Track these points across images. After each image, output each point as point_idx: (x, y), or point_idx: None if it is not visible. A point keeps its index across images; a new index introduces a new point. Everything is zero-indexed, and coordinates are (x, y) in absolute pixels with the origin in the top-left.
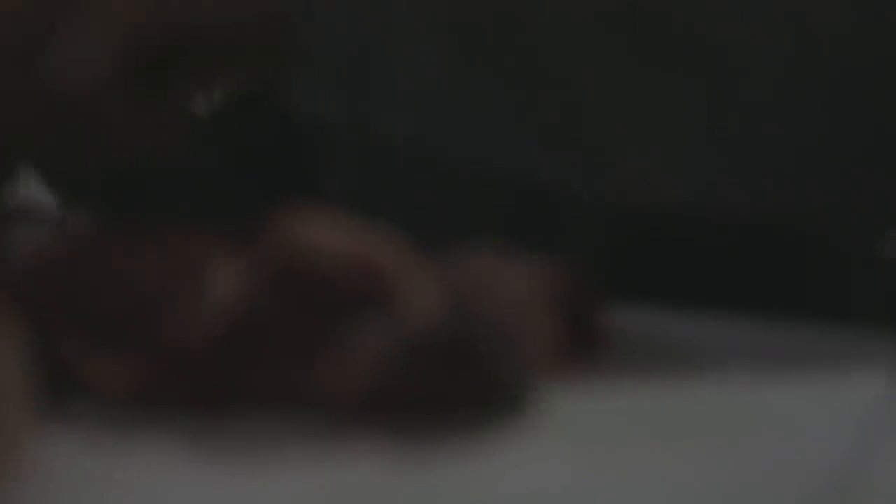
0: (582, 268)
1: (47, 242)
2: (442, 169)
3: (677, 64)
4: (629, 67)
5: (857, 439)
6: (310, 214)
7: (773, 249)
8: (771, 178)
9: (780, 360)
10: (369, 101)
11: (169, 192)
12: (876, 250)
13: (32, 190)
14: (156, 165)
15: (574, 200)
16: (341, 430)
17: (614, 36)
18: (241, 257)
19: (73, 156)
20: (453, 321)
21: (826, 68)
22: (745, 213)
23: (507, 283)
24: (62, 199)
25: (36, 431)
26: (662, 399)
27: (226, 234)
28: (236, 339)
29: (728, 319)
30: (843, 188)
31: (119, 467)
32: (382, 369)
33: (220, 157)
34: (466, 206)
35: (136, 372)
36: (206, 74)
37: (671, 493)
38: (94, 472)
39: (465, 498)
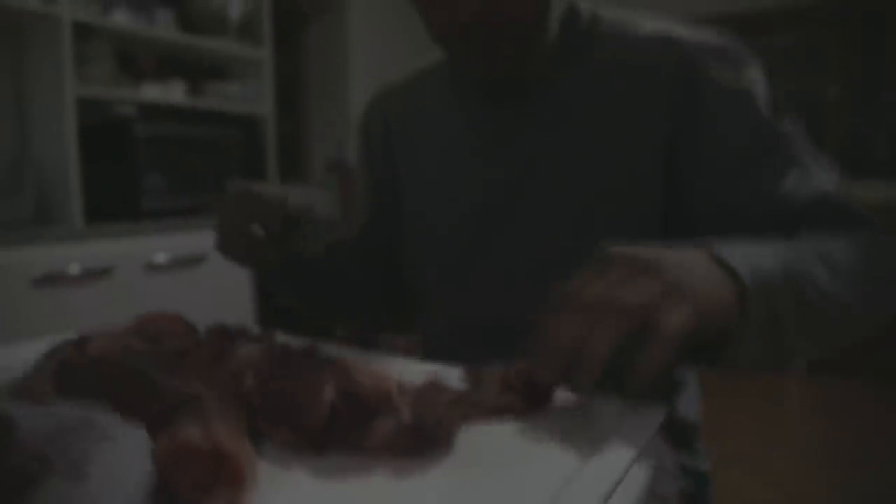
0: None
1: (258, 357)
2: None
3: None
4: None
5: None
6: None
7: None
8: None
9: None
10: None
11: (327, 283)
12: None
13: None
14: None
15: None
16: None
17: None
18: (330, 381)
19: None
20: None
21: None
22: None
23: None
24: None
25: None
26: None
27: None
28: (331, 422)
29: None
30: None
31: (283, 482)
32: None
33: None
34: None
35: (293, 435)
36: None
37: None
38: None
39: None
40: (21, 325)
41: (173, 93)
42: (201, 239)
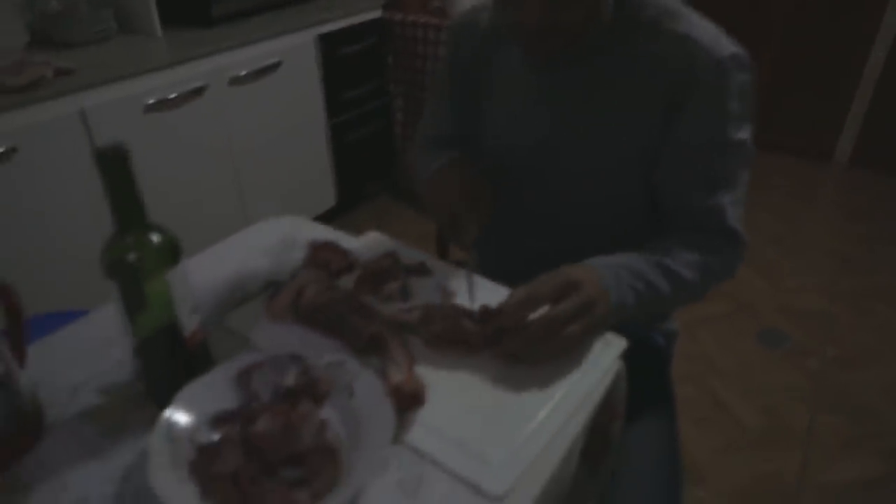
0: None
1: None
2: None
3: None
4: None
5: None
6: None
7: None
8: None
9: None
10: None
11: None
12: None
13: None
14: None
15: None
16: None
17: None
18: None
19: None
20: None
21: None
22: None
23: None
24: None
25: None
26: None
27: None
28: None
29: None
30: None
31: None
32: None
33: None
34: None
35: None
36: None
37: None
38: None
39: None
40: (141, 147)
41: None
42: (273, 45)
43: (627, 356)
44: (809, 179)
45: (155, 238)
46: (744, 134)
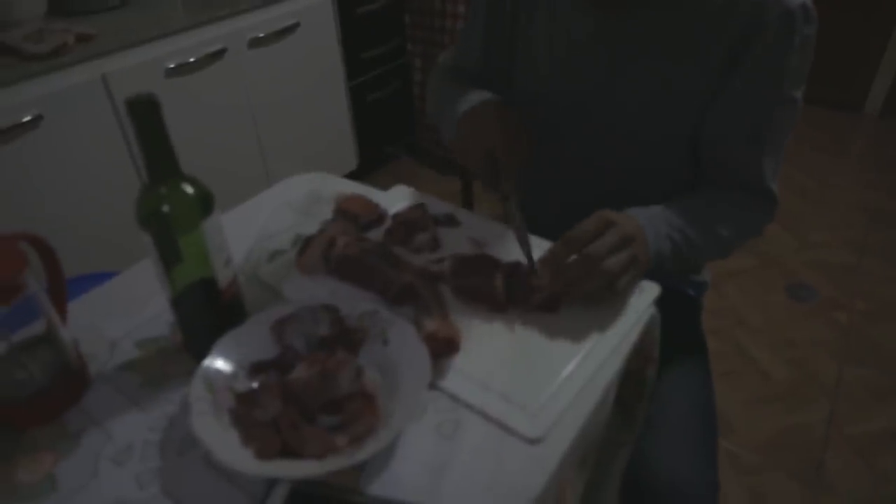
0: None
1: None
2: None
3: None
4: None
5: None
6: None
7: None
8: None
9: None
10: None
11: None
12: None
13: None
14: None
15: None
16: None
17: None
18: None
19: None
20: None
21: None
22: None
23: None
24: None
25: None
26: None
27: None
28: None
29: None
30: None
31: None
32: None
33: None
34: None
35: (481, 303)
36: None
37: None
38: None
39: None
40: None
41: None
42: (291, 6)
43: (659, 305)
44: (839, 131)
45: (188, 189)
46: (798, 92)
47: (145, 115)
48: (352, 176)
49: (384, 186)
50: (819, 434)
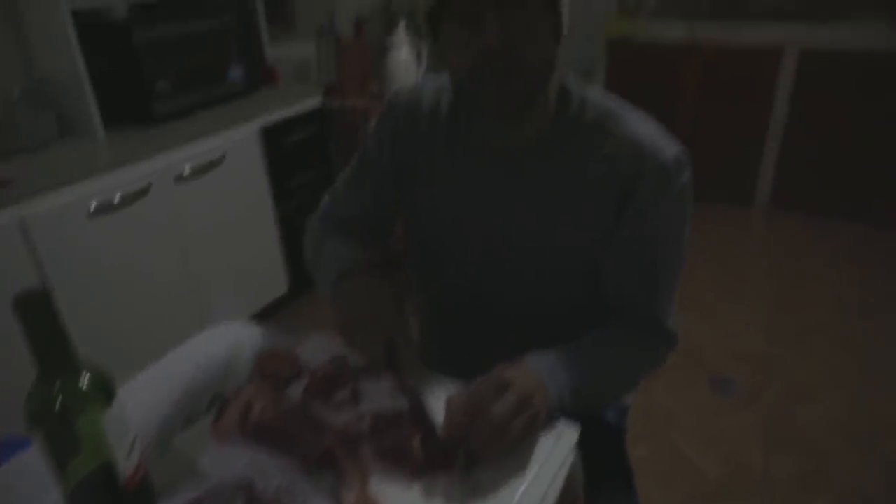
0: None
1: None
2: None
3: None
4: None
5: None
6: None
7: None
8: None
9: None
10: None
11: None
12: None
13: None
14: None
15: None
16: None
17: None
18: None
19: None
20: None
21: None
22: None
23: None
24: None
25: None
26: None
27: None
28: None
29: None
30: None
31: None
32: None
33: None
34: None
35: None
36: None
37: None
38: None
39: None
40: (87, 256)
41: None
42: (216, 141)
43: (581, 436)
44: (738, 224)
45: (84, 382)
46: (683, 231)
47: (35, 310)
48: (282, 300)
49: (314, 309)
50: None
